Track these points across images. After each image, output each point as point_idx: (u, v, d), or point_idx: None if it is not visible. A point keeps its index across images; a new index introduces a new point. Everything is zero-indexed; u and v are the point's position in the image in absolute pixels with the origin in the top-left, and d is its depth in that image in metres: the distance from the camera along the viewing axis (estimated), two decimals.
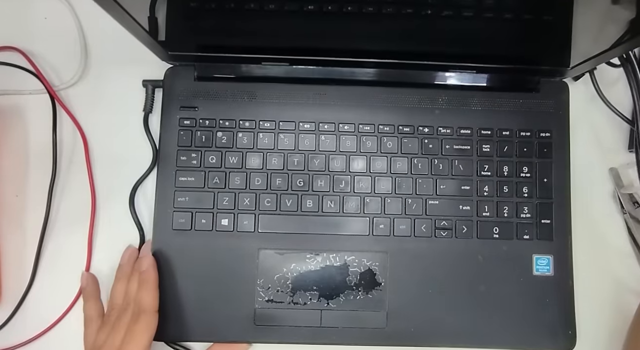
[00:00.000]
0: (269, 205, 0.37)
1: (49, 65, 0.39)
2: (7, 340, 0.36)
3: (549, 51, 0.38)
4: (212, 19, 0.34)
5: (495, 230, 0.38)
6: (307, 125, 0.38)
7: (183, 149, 0.37)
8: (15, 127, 0.39)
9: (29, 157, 0.39)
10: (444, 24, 0.36)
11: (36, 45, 0.39)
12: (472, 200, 0.38)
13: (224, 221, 0.37)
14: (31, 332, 0.36)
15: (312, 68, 0.38)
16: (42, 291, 0.37)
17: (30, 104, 0.39)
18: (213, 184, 0.37)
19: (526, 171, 0.38)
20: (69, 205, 0.37)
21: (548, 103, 0.39)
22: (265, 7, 0.35)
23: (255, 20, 0.36)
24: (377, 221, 0.37)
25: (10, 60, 0.39)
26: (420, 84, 0.39)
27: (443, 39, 0.37)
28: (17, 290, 0.36)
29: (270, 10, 0.35)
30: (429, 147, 0.38)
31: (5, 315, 0.36)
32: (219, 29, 0.35)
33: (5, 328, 0.36)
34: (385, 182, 0.38)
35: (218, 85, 0.38)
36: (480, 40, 0.37)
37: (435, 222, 0.38)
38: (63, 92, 0.39)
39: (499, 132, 0.39)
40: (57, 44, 0.39)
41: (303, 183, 0.37)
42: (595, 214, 0.40)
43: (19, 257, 0.37)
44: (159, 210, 0.37)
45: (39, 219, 0.37)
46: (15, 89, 0.39)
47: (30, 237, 0.37)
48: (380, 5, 0.35)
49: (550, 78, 0.39)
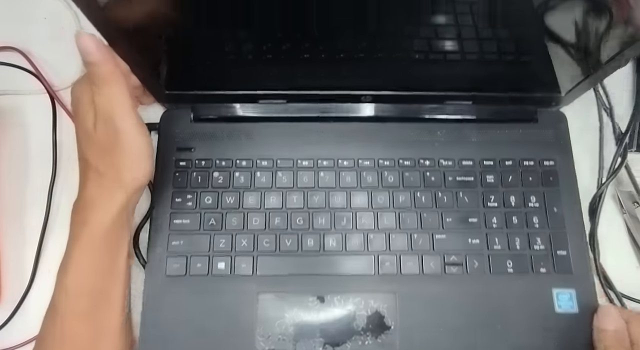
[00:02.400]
0: (267, 246, 0.35)
1: (48, 66, 0.39)
2: (7, 340, 0.34)
3: (538, 82, 0.38)
4: (209, 61, 0.35)
5: (509, 264, 0.35)
6: (306, 162, 0.37)
7: (178, 190, 0.36)
8: (15, 127, 0.39)
9: (29, 157, 0.38)
10: (435, 64, 0.37)
11: (36, 46, 0.40)
12: (481, 232, 0.36)
13: (220, 265, 0.35)
14: (31, 332, 0.34)
15: (308, 105, 0.38)
16: (42, 291, 0.35)
17: (30, 104, 0.39)
18: (209, 226, 0.36)
19: (534, 201, 0.37)
20: (69, 205, 0.36)
21: (548, 132, 0.39)
22: (263, 56, 0.36)
23: (252, 63, 0.37)
24: (383, 259, 0.35)
25: (10, 60, 0.39)
26: (418, 118, 0.39)
27: (435, 76, 0.38)
28: (17, 290, 0.35)
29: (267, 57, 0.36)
30: (431, 179, 0.37)
31: (5, 315, 0.35)
32: (216, 69, 0.35)
33: (5, 328, 0.35)
34: (388, 217, 0.36)
35: (215, 125, 0.38)
36: (472, 76, 0.38)
37: (445, 258, 0.35)
38: (63, 92, 0.39)
39: (501, 162, 0.38)
40: (57, 44, 0.39)
41: (303, 221, 0.36)
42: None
43: (19, 257, 0.36)
44: (152, 256, 0.35)
45: (39, 219, 0.36)
46: (15, 89, 0.39)
47: (30, 237, 0.36)
48: (376, 49, 0.36)
49: (546, 108, 0.39)
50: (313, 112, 0.38)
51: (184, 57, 0.34)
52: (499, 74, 0.37)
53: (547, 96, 0.38)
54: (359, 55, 0.34)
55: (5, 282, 0.36)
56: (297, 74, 0.36)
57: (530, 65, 0.37)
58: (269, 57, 0.34)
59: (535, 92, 0.38)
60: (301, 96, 0.37)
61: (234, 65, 0.35)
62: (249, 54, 0.34)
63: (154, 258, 0.35)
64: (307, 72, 0.36)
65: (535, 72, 0.37)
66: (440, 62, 0.36)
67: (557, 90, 0.37)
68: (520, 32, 0.33)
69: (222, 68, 0.35)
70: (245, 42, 0.33)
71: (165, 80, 0.34)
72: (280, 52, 0.34)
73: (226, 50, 0.34)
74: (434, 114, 0.39)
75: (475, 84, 0.37)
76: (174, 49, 0.33)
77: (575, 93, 0.37)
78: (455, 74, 0.37)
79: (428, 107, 0.39)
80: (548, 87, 0.37)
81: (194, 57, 0.34)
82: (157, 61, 0.33)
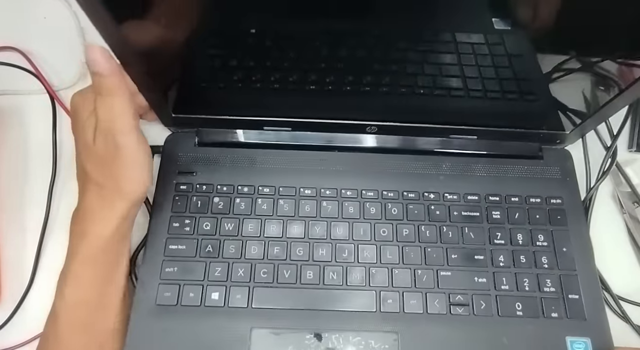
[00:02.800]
0: (265, 277, 0.34)
1: (48, 66, 0.39)
2: (7, 340, 0.34)
3: (542, 120, 0.38)
4: (218, 87, 0.35)
5: (518, 307, 0.34)
6: (308, 190, 0.37)
7: (176, 215, 0.35)
8: (15, 127, 0.38)
9: (29, 157, 0.38)
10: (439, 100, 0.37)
11: (36, 45, 0.40)
12: (488, 271, 0.35)
13: (214, 295, 0.33)
14: (31, 332, 0.34)
15: (313, 134, 0.38)
16: (42, 291, 0.35)
17: (30, 104, 0.39)
18: (205, 253, 0.34)
19: (542, 239, 0.36)
20: (69, 205, 0.35)
21: (553, 170, 0.38)
22: (270, 85, 0.36)
23: (260, 91, 0.37)
24: (385, 295, 0.33)
25: (10, 60, 0.39)
26: (423, 150, 0.39)
27: (440, 111, 0.38)
28: (17, 290, 0.35)
29: (274, 87, 0.37)
30: (436, 213, 0.36)
31: (5, 315, 0.34)
32: (223, 95, 0.36)
33: (5, 328, 0.34)
34: (391, 250, 0.35)
35: (218, 150, 0.38)
36: (476, 112, 0.38)
37: (450, 297, 0.34)
38: (63, 92, 0.39)
39: (507, 198, 0.37)
40: (57, 44, 0.40)
41: (303, 252, 0.35)
42: (595, 214, 0.38)
43: (19, 257, 0.36)
44: (143, 282, 0.33)
45: (39, 219, 0.36)
46: (15, 89, 0.39)
47: (30, 237, 0.36)
48: (382, 84, 0.36)
49: (551, 145, 0.39)
50: (318, 141, 0.38)
51: (193, 82, 0.35)
52: (503, 111, 0.37)
53: (551, 133, 0.38)
54: (365, 88, 0.35)
55: (5, 282, 0.35)
56: (303, 104, 0.37)
57: (534, 104, 0.37)
58: (276, 86, 0.35)
59: (540, 129, 0.38)
60: (306, 125, 0.37)
61: (241, 92, 0.35)
62: (257, 82, 0.35)
63: (144, 285, 0.33)
64: (314, 102, 0.36)
65: (539, 111, 0.37)
66: (445, 97, 0.36)
67: (562, 128, 0.37)
68: (524, 74, 0.34)
69: (229, 94, 0.36)
70: (254, 72, 0.34)
71: (173, 103, 0.35)
72: (288, 83, 0.34)
73: (235, 78, 0.34)
74: (439, 147, 0.39)
75: (479, 119, 0.37)
76: (184, 74, 0.34)
77: (580, 131, 0.37)
78: (459, 110, 0.37)
79: (433, 140, 0.39)
80: (552, 125, 0.37)
81: (203, 83, 0.35)
82: (167, 84, 0.33)
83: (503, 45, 0.32)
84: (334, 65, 0.33)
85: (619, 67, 0.32)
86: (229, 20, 0.30)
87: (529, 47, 0.32)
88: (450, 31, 0.31)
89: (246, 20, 0.30)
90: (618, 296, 0.36)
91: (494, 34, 0.31)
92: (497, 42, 0.32)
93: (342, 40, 0.31)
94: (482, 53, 0.33)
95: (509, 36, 0.31)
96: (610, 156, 0.39)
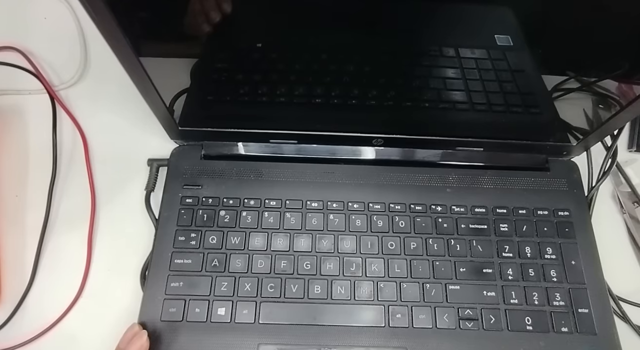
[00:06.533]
0: (272, 291, 0.33)
1: (48, 65, 0.39)
2: (7, 340, 0.34)
3: (548, 133, 0.38)
4: (225, 101, 0.35)
5: (528, 321, 0.33)
6: (315, 203, 0.36)
7: (182, 228, 0.35)
8: (15, 127, 0.38)
9: (29, 157, 0.38)
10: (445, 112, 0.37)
11: (36, 45, 0.39)
12: (496, 285, 0.34)
13: (220, 310, 0.33)
14: (31, 332, 0.34)
15: (320, 147, 0.38)
16: (42, 291, 0.35)
17: (30, 104, 0.38)
18: (211, 267, 0.34)
19: (550, 252, 0.35)
20: (69, 205, 0.35)
21: (560, 182, 0.38)
22: (276, 99, 0.36)
23: (266, 104, 0.37)
24: (394, 310, 0.33)
25: (10, 60, 0.39)
26: (429, 162, 0.38)
27: (446, 123, 0.38)
28: (17, 290, 0.34)
29: (280, 100, 0.37)
30: (444, 226, 0.36)
31: (5, 315, 0.34)
32: (230, 109, 0.36)
33: (5, 328, 0.34)
34: (399, 264, 0.35)
35: (224, 163, 0.37)
36: (482, 125, 0.38)
37: (459, 311, 0.33)
38: (63, 92, 0.39)
39: (514, 211, 0.37)
40: (57, 44, 0.39)
41: (310, 266, 0.34)
42: (594, 214, 0.38)
43: (19, 257, 0.35)
44: (148, 297, 0.33)
45: (39, 219, 0.36)
46: (15, 89, 0.39)
47: (30, 237, 0.36)
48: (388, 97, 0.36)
49: (557, 157, 0.39)
50: (324, 154, 0.38)
51: (200, 95, 0.35)
52: (508, 124, 0.37)
53: (557, 145, 0.38)
54: (370, 101, 0.35)
55: (5, 282, 0.35)
56: (309, 117, 0.36)
57: (539, 117, 0.37)
58: (282, 99, 0.35)
59: (546, 141, 0.38)
60: (313, 137, 0.37)
61: (247, 105, 0.35)
62: (263, 95, 0.35)
63: (149, 301, 0.33)
64: (320, 115, 0.36)
65: (545, 123, 0.37)
66: (451, 110, 0.36)
67: (568, 140, 0.37)
68: (527, 88, 0.34)
69: (235, 107, 0.35)
70: (260, 85, 0.34)
71: (180, 116, 0.35)
72: (294, 96, 0.34)
73: (241, 91, 0.34)
74: (445, 159, 0.39)
75: (485, 132, 0.37)
76: (190, 87, 0.33)
77: (586, 143, 0.37)
78: (464, 122, 0.37)
79: (439, 152, 0.39)
80: (558, 137, 0.37)
81: (209, 96, 0.35)
82: (174, 98, 0.33)
83: (506, 61, 0.32)
84: (340, 79, 0.33)
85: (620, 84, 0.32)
86: (235, 35, 0.30)
87: (531, 63, 0.32)
88: (454, 46, 0.31)
89: (252, 35, 0.30)
90: (618, 296, 0.35)
91: (497, 50, 0.31)
92: (499, 58, 0.32)
93: (349, 54, 0.31)
94: (485, 68, 0.33)
95: (511, 52, 0.31)
96: (611, 156, 0.39)
